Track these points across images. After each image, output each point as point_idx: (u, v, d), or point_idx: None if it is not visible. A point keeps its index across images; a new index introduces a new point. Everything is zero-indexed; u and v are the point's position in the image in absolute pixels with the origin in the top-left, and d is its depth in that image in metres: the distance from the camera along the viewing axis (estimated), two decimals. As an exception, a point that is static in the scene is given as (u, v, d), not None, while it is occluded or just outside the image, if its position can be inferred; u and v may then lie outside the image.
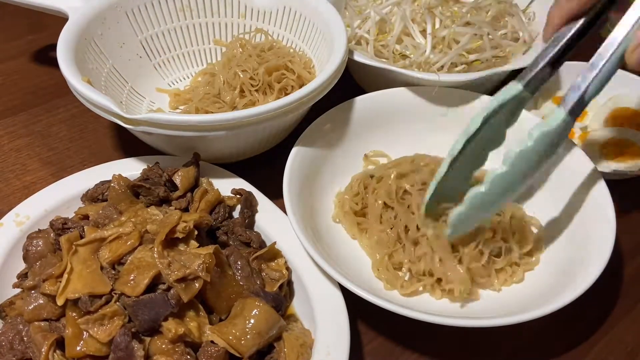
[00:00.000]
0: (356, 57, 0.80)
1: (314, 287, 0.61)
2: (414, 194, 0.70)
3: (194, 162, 0.70)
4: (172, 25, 0.91)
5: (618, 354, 0.65)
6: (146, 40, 0.89)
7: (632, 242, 0.77)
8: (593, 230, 0.65)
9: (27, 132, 0.89)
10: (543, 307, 0.57)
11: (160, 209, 0.63)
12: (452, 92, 0.79)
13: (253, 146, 0.77)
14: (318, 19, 0.83)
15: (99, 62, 0.80)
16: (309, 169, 0.73)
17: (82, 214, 0.65)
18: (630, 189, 0.83)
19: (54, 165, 0.83)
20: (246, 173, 0.73)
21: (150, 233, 0.58)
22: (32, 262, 0.61)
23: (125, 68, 0.86)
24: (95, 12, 0.81)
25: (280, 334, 0.58)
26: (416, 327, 0.61)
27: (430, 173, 0.73)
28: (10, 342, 0.55)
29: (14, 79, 0.99)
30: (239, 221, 0.68)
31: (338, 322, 0.58)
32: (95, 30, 0.80)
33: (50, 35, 1.06)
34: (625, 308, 0.70)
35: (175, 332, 0.53)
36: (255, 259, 0.63)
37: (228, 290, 0.59)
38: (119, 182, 0.66)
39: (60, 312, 0.56)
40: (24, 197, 0.69)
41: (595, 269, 0.59)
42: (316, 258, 0.60)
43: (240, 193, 0.70)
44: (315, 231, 0.68)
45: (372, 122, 0.80)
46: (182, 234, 0.58)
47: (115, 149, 0.86)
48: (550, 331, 0.67)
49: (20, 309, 0.57)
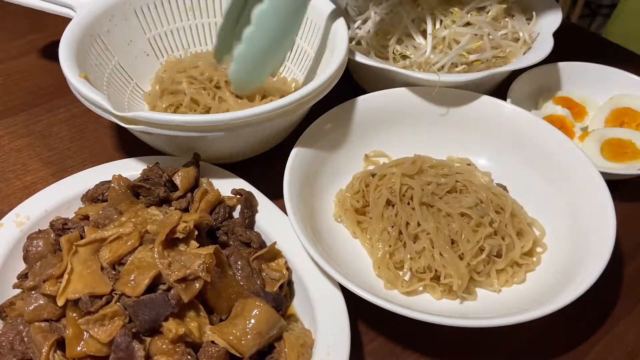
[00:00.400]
0: (357, 57, 0.80)
1: (314, 287, 0.61)
2: (416, 189, 0.71)
3: (194, 163, 0.70)
4: (181, 24, 0.91)
5: (618, 354, 0.65)
6: (154, 38, 0.89)
7: (632, 243, 0.77)
8: (593, 231, 0.65)
9: (28, 132, 0.89)
10: (543, 307, 0.57)
11: (161, 209, 0.63)
12: (452, 92, 0.80)
13: (253, 146, 0.77)
14: (320, 20, 0.83)
15: (103, 58, 0.80)
16: (310, 169, 0.73)
17: (83, 214, 0.65)
18: (630, 190, 0.83)
19: (54, 166, 0.83)
20: (246, 173, 0.74)
21: (150, 233, 0.58)
22: (33, 262, 0.61)
23: (131, 65, 0.86)
24: (103, 9, 0.81)
25: (280, 333, 0.58)
26: (416, 327, 0.61)
27: (434, 175, 0.74)
28: (11, 342, 0.55)
29: (15, 79, 0.99)
30: (239, 221, 0.68)
31: (338, 322, 0.58)
32: (102, 27, 0.81)
33: (51, 35, 1.07)
34: (625, 308, 0.70)
35: (175, 332, 0.53)
36: (256, 259, 0.63)
37: (228, 290, 0.59)
38: (119, 183, 0.66)
39: (60, 312, 0.56)
40: (25, 197, 0.69)
41: (595, 269, 0.59)
42: (316, 258, 0.60)
43: (240, 193, 0.70)
44: (315, 231, 0.68)
45: (372, 122, 0.80)
46: (183, 234, 0.58)
47: (116, 149, 0.86)
48: (550, 331, 0.67)
49: (21, 310, 0.57)
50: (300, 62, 0.89)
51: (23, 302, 0.57)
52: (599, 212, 0.66)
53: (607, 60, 0.95)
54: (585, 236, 0.65)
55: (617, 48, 1.14)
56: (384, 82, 0.81)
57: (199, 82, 0.84)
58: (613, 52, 1.11)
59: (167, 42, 0.91)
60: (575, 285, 0.58)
